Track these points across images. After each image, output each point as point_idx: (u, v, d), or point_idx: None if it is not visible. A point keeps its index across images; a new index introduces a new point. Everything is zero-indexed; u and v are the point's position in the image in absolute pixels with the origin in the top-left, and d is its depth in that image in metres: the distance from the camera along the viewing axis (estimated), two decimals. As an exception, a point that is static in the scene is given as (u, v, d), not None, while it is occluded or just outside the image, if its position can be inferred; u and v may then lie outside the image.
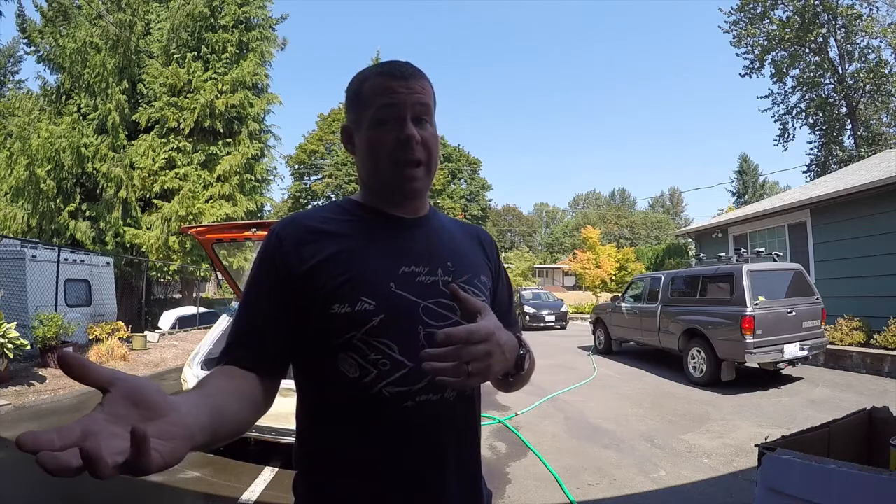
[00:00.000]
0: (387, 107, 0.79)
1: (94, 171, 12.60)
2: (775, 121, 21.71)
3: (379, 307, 0.76)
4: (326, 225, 0.82)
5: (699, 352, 6.54)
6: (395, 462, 0.77)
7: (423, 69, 0.86)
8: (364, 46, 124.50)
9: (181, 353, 10.00)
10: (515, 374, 0.82)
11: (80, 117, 13.06)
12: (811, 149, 21.75)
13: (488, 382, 0.91)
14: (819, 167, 20.88)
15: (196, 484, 3.50)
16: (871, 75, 17.92)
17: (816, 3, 18.27)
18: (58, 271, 8.98)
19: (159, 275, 14.94)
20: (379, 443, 0.77)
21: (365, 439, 0.77)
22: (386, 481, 0.77)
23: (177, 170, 13.83)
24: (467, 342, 0.65)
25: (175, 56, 14.24)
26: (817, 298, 6.48)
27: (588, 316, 13.23)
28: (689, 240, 16.96)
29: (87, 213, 12.98)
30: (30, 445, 0.41)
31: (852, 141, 20.12)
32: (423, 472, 0.79)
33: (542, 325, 15.24)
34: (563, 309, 15.82)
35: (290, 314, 0.78)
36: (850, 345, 7.29)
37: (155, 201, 13.61)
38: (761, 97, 21.74)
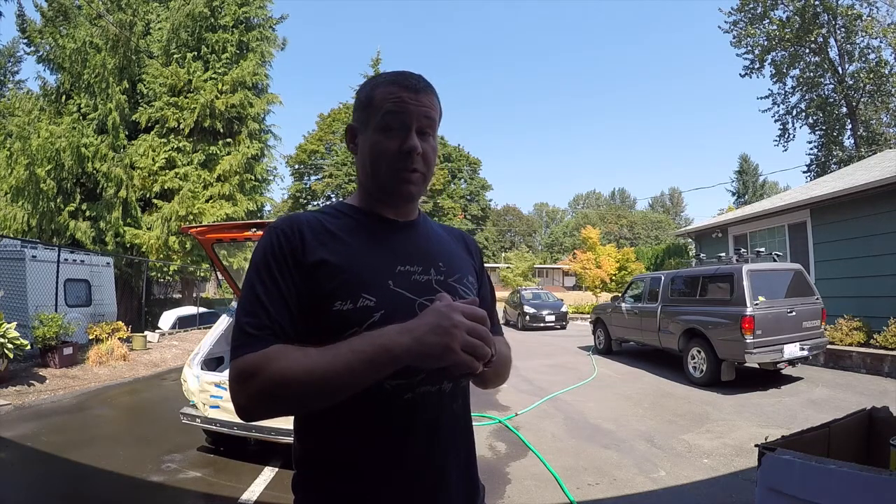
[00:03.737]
0: (393, 114, 0.83)
1: (94, 171, 12.60)
2: (775, 121, 21.76)
3: (379, 304, 0.78)
4: (326, 225, 0.84)
5: (699, 352, 6.54)
6: (397, 454, 0.79)
7: (424, 70, 0.88)
8: (364, 47, 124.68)
9: (181, 353, 10.00)
10: (486, 365, 0.80)
11: (80, 117, 13.07)
12: (811, 149, 21.79)
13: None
14: (819, 167, 20.89)
15: (196, 484, 3.49)
16: (871, 75, 17.93)
17: (816, 3, 18.27)
18: (58, 271, 8.97)
19: (159, 275, 14.93)
20: (381, 435, 0.78)
21: (367, 433, 0.78)
22: (388, 474, 0.79)
23: (177, 170, 13.83)
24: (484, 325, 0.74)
25: (175, 56, 14.24)
26: (817, 298, 6.48)
27: (588, 316, 13.22)
28: (689, 240, 16.95)
29: (87, 213, 12.97)
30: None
31: (852, 141, 20.13)
32: (423, 463, 0.81)
33: (542, 325, 15.23)
34: (563, 309, 15.81)
35: (302, 300, 0.78)
36: (850, 345, 7.29)
37: (155, 201, 13.61)
38: (761, 97, 21.80)
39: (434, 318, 0.69)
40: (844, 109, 19.93)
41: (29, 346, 6.87)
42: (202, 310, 14.23)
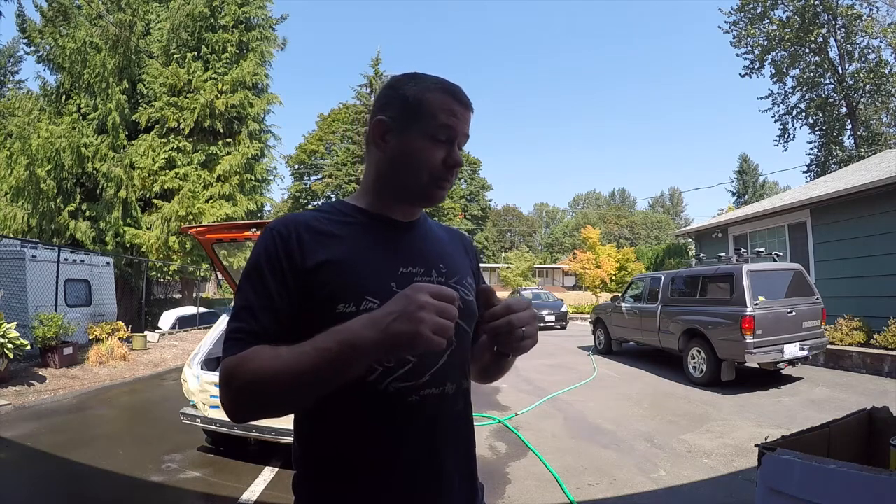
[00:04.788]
0: (446, 128, 0.84)
1: (94, 171, 12.61)
2: (775, 121, 21.75)
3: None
4: (326, 226, 0.83)
5: (699, 352, 6.54)
6: (399, 456, 0.79)
7: (422, 68, 0.88)
8: (364, 46, 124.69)
9: (181, 353, 10.00)
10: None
11: (80, 117, 13.07)
12: (811, 149, 21.80)
13: (476, 382, 1.00)
14: (819, 167, 20.89)
15: (196, 484, 3.49)
16: (871, 75, 17.92)
17: (816, 3, 18.27)
18: (58, 271, 8.97)
19: (159, 275, 14.94)
20: (382, 437, 0.78)
21: (368, 434, 0.78)
22: (389, 475, 0.78)
23: (177, 170, 13.84)
24: (513, 310, 0.77)
25: (175, 56, 14.24)
26: (817, 298, 6.48)
27: (588, 316, 13.22)
28: (689, 240, 16.96)
29: (87, 213, 12.98)
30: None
31: (852, 141, 20.13)
32: (426, 465, 0.81)
33: (542, 325, 15.20)
34: (563, 309, 15.82)
35: (294, 302, 0.78)
36: (850, 345, 7.29)
37: (155, 201, 13.62)
38: (761, 97, 21.79)
39: (400, 305, 0.65)
40: (844, 109, 19.93)
41: (29, 346, 6.87)
42: (202, 310, 14.23)
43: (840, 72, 19.25)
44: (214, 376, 3.70)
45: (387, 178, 0.88)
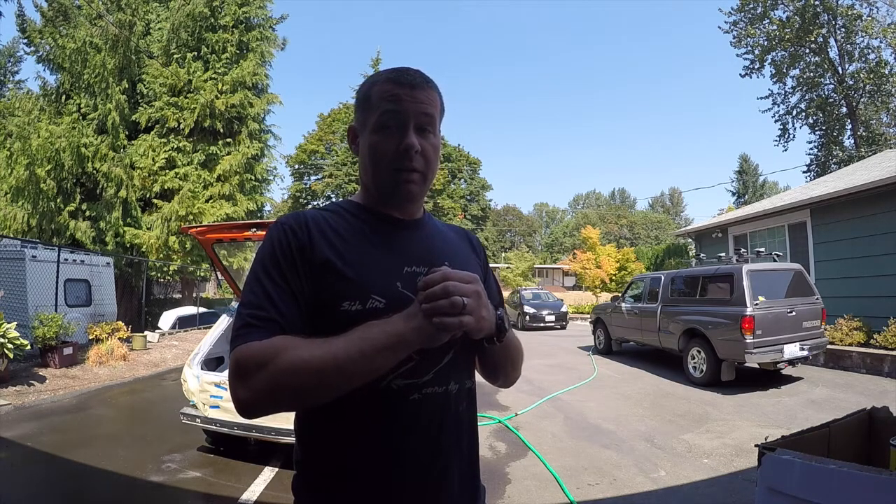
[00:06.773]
0: (390, 113, 0.82)
1: (94, 171, 12.60)
2: (775, 121, 21.76)
3: (388, 305, 0.77)
4: (333, 224, 0.83)
5: (699, 352, 6.54)
6: (401, 455, 0.78)
7: (424, 70, 0.86)
8: (364, 46, 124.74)
9: (181, 353, 10.00)
10: (498, 336, 0.81)
11: (80, 117, 13.07)
12: (811, 149, 21.81)
13: (483, 380, 0.97)
14: (819, 167, 20.90)
15: (196, 484, 3.50)
16: (871, 75, 17.93)
17: (816, 3, 18.28)
18: (58, 271, 8.98)
19: (159, 275, 14.94)
20: (387, 435, 0.78)
21: (371, 434, 0.78)
22: (390, 475, 0.78)
23: (177, 170, 13.84)
24: (451, 279, 0.70)
25: (175, 56, 14.25)
26: (817, 298, 6.48)
27: (588, 316, 13.23)
28: (689, 240, 16.96)
29: (87, 213, 12.98)
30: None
31: (852, 141, 20.13)
32: (428, 464, 0.80)
33: (542, 325, 15.23)
34: (563, 309, 15.82)
35: (308, 295, 0.77)
36: (850, 345, 7.29)
37: (155, 201, 13.62)
38: (761, 97, 21.80)
39: (405, 320, 0.71)
40: (844, 109, 19.94)
41: (29, 346, 6.87)
42: (202, 310, 14.23)
43: (840, 72, 19.26)
44: (214, 376, 3.70)
45: (364, 181, 0.89)
